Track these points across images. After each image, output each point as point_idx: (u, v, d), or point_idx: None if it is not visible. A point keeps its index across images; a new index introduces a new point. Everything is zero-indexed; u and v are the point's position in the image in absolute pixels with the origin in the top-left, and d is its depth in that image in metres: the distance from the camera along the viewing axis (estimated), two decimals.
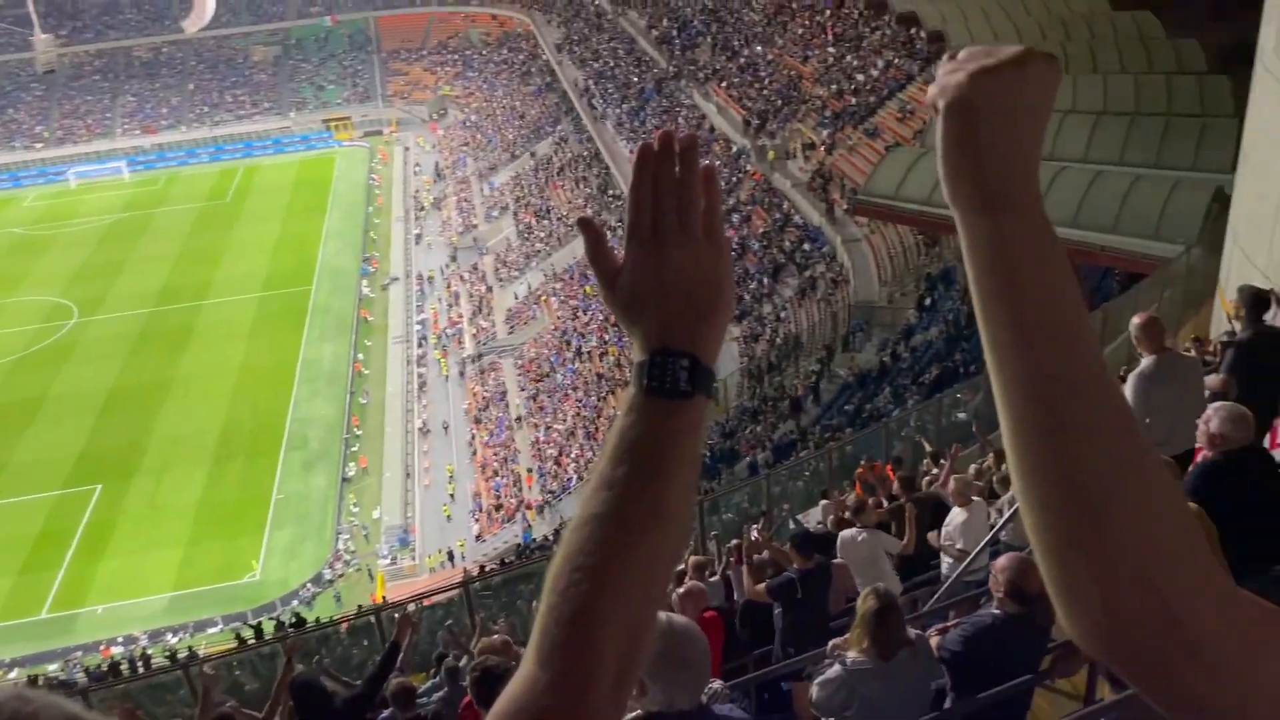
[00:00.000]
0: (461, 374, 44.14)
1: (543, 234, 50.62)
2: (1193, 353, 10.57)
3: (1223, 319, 12.14)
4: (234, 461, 37.70)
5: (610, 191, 48.38)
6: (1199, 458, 4.54)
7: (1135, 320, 5.55)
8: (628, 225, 0.97)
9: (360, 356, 45.10)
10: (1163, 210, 20.26)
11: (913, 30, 36.75)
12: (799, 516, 13.82)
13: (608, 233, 1.00)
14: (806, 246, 33.66)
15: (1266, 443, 5.97)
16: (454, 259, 53.13)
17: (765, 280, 34.12)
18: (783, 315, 32.44)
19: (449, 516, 35.85)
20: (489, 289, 49.62)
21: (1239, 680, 0.73)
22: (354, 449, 39.11)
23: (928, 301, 27.57)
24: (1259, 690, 0.73)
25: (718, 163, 41.43)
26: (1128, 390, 5.46)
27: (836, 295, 30.58)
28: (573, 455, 35.46)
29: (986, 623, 4.12)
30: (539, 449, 37.50)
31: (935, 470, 10.59)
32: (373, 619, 12.79)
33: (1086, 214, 21.21)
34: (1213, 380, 5.43)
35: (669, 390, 0.93)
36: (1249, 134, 15.74)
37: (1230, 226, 16.40)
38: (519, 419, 39.78)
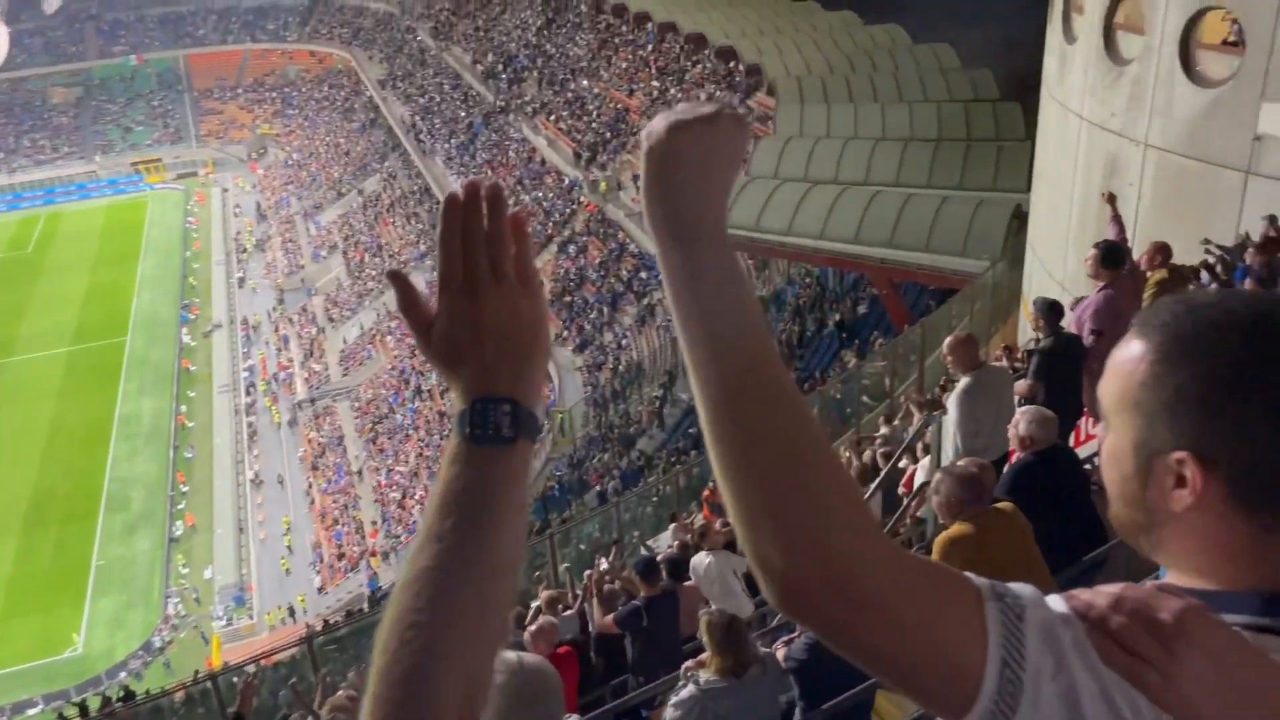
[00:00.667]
0: (294, 421, 42.46)
1: (374, 271, 49.47)
2: (1003, 362, 11.31)
3: (1028, 328, 13.03)
4: (47, 529, 35.00)
5: None
6: (1012, 459, 4.85)
7: (947, 341, 5.90)
8: (439, 275, 0.96)
9: (183, 409, 42.77)
10: (969, 229, 21.61)
11: (732, 64, 38.06)
12: (650, 542, 13.93)
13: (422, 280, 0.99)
14: (644, 274, 34.17)
15: (1071, 441, 6.45)
16: (281, 301, 51.23)
17: (605, 309, 34.41)
18: (624, 343, 32.78)
19: (288, 570, 34.30)
20: (320, 331, 48.05)
21: (908, 630, 0.84)
22: (180, 507, 36.96)
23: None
24: (925, 638, 0.84)
25: (551, 195, 41.70)
26: (952, 408, 5.78)
27: (674, 321, 31.08)
28: (417, 497, 34.61)
29: None
30: (381, 493, 36.44)
31: None
32: (210, 685, 12.05)
33: (901, 234, 22.41)
34: (1020, 386, 5.84)
35: (492, 437, 0.93)
36: (1040, 156, 17.05)
37: (1029, 242, 17.68)
38: (360, 472, 38.56)
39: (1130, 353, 0.96)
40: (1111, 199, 7.34)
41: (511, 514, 0.93)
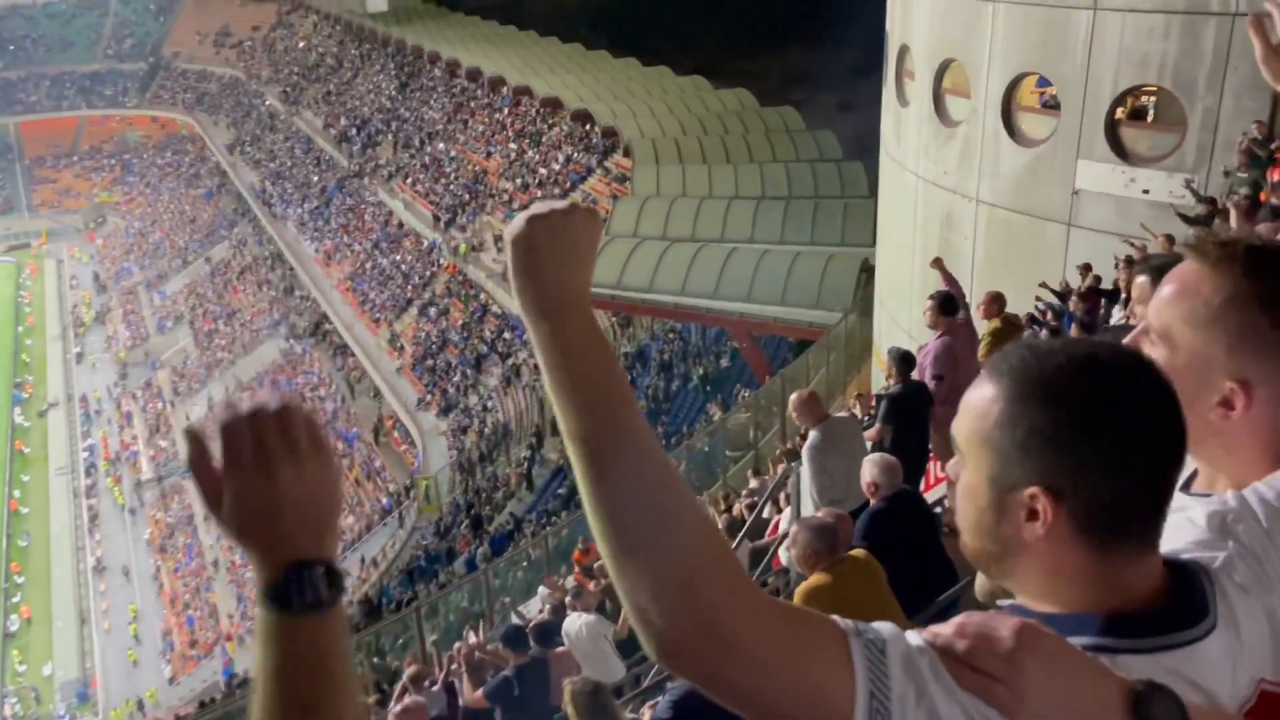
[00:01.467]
0: (140, 502, 40.09)
1: (224, 341, 47.59)
2: (857, 409, 11.68)
3: (882, 376, 13.52)
4: None
5: (297, 293, 46.51)
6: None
7: (791, 400, 6.07)
8: (225, 454, 0.94)
9: (16, 494, 39.83)
10: (821, 282, 22.45)
11: (588, 126, 38.70)
12: (520, 608, 13.67)
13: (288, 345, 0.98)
14: (507, 335, 33.98)
15: (921, 485, 6.70)
16: (124, 376, 48.59)
17: (468, 372, 34.00)
18: (489, 405, 32.40)
19: (135, 662, 32.10)
20: (166, 405, 45.73)
21: (780, 672, 0.89)
22: (15, 599, 34.26)
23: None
24: (797, 678, 0.89)
25: (410, 258, 41.16)
26: (804, 463, 5.93)
27: (540, 381, 30.95)
28: None
29: (688, 686, 4.25)
30: (236, 573, 34.67)
31: None
32: None
33: (758, 289, 23.08)
34: (870, 432, 6.06)
35: (313, 604, 0.91)
36: (882, 212, 17.91)
37: (877, 293, 18.46)
38: (215, 562, 36.63)
39: (984, 395, 1.03)
40: (939, 264, 7.79)
41: (342, 678, 0.93)
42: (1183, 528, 1.10)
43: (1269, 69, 1.63)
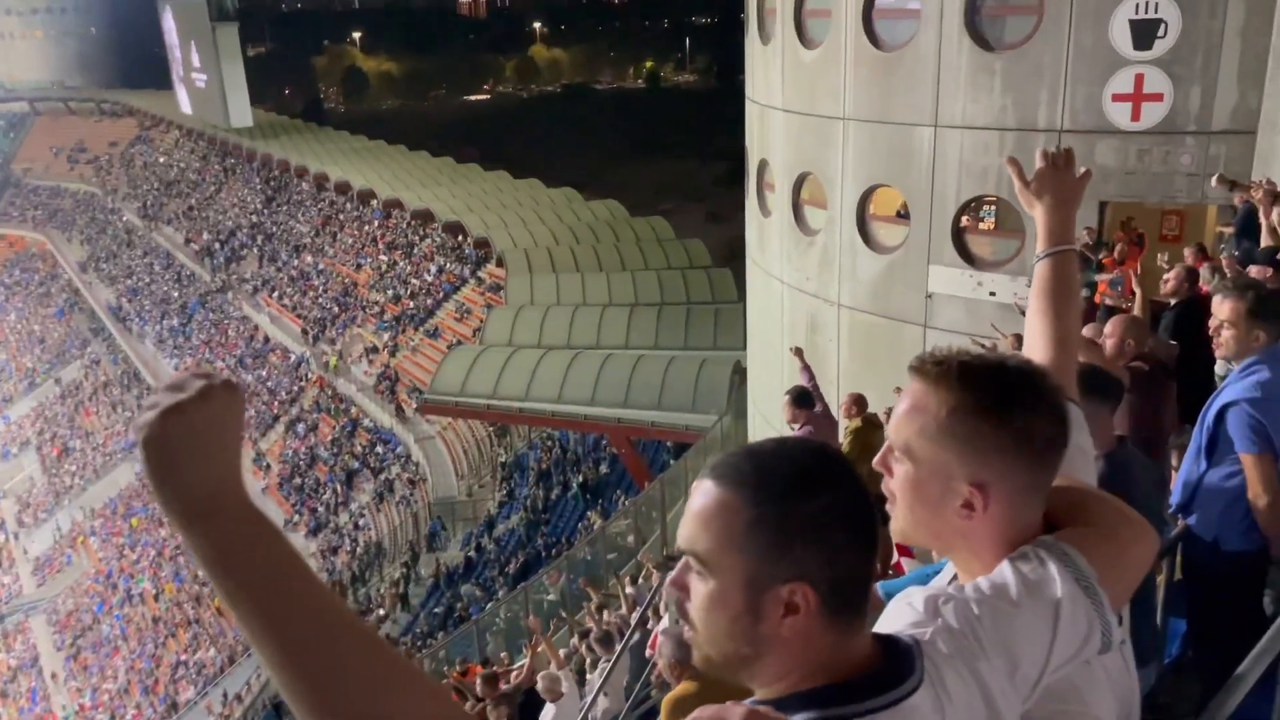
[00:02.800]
0: None
1: (74, 467, 44.84)
2: None
3: None
4: None
5: None
6: None
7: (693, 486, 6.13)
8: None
9: None
10: (696, 385, 22.81)
11: (460, 237, 38.88)
12: None
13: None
14: (380, 449, 33.13)
15: None
16: None
17: (339, 488, 32.89)
18: (361, 523, 31.31)
19: None
20: (10, 538, 42.54)
21: None
22: None
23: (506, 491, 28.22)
24: None
25: (276, 373, 39.98)
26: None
27: (415, 495, 30.22)
28: (129, 717, 30.67)
29: None
30: (86, 716, 31.98)
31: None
32: None
33: (635, 394, 23.28)
34: None
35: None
36: (751, 317, 18.44)
37: (750, 395, 18.85)
38: (61, 707, 33.79)
39: (723, 504, 1.06)
40: (798, 352, 8.11)
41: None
42: (903, 613, 1.20)
43: (1021, 198, 1.87)
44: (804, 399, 6.74)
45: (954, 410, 1.24)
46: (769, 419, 16.72)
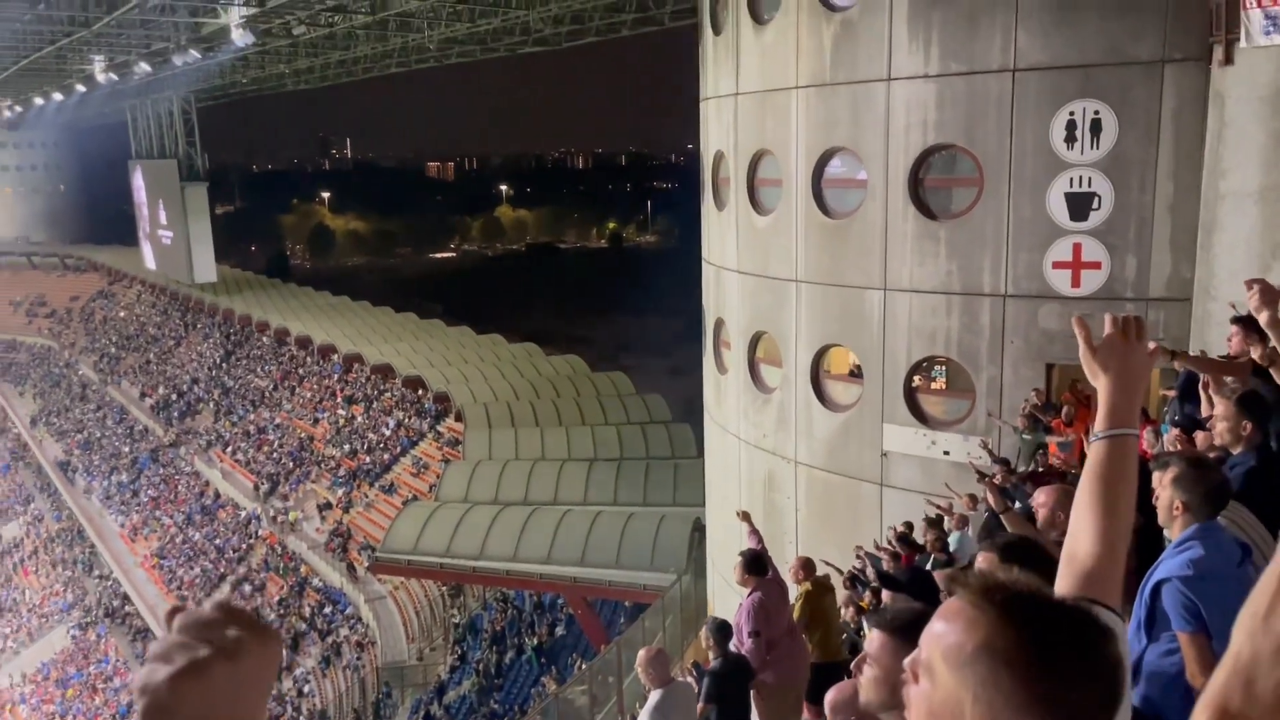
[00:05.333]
0: None
1: (9, 629, 42.70)
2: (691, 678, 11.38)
3: None
4: None
5: (96, 571, 42.82)
6: None
7: (640, 655, 5.96)
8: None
9: None
10: (654, 543, 22.48)
11: (420, 392, 38.82)
12: None
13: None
14: (328, 610, 31.96)
15: None
16: None
17: (285, 653, 31.49)
18: (305, 690, 29.87)
19: None
20: None
21: None
22: None
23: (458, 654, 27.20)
24: None
25: (225, 530, 38.87)
26: None
27: (363, 659, 29.00)
28: None
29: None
30: None
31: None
32: None
33: (592, 552, 22.86)
34: (698, 708, 5.93)
35: None
36: (709, 473, 18.38)
37: (709, 554, 18.59)
38: None
39: None
40: (745, 516, 8.05)
41: None
42: None
43: (1086, 366, 1.74)
44: (756, 564, 6.65)
45: (981, 646, 1.10)
46: (727, 578, 16.44)
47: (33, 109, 59.75)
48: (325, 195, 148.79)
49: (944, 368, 13.67)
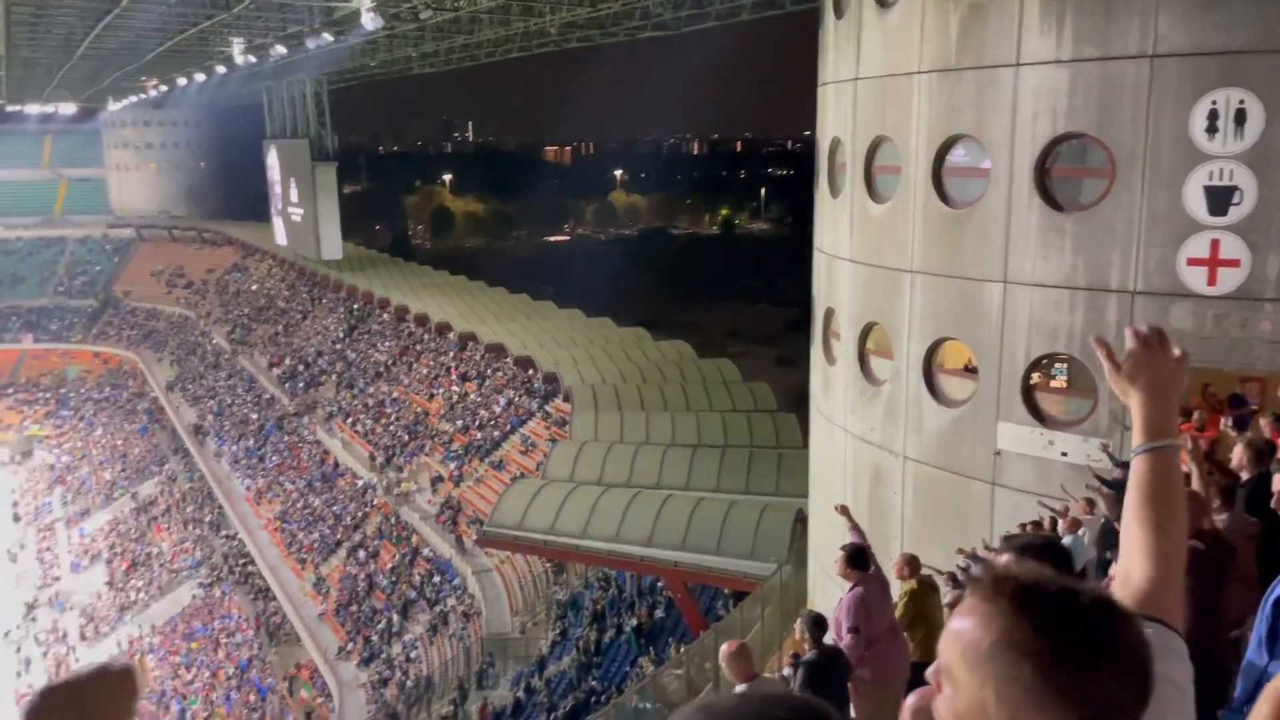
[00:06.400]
0: None
1: (141, 582, 45.35)
2: (788, 671, 11.30)
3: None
4: None
5: (223, 531, 45.07)
6: None
7: (722, 650, 5.91)
8: None
9: None
10: (756, 532, 22.35)
11: (530, 371, 39.49)
12: None
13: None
14: (437, 579, 32.93)
15: None
16: (30, 618, 45.67)
17: (394, 618, 32.61)
18: (413, 655, 30.86)
19: None
20: (69, 650, 42.82)
21: None
22: None
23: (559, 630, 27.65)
24: None
25: (343, 498, 40.38)
26: None
27: (468, 629, 29.79)
28: None
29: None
30: None
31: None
32: None
33: (693, 537, 22.87)
34: None
35: None
36: (813, 465, 18.16)
37: (810, 545, 18.40)
38: None
39: None
40: (844, 510, 7.85)
41: None
42: None
43: (1114, 384, 1.69)
44: (859, 559, 6.54)
45: (998, 642, 1.07)
46: (828, 570, 16.24)
47: (177, 89, 62.88)
48: (447, 177, 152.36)
49: (1065, 366, 13.16)
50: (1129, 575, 1.55)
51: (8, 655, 43.32)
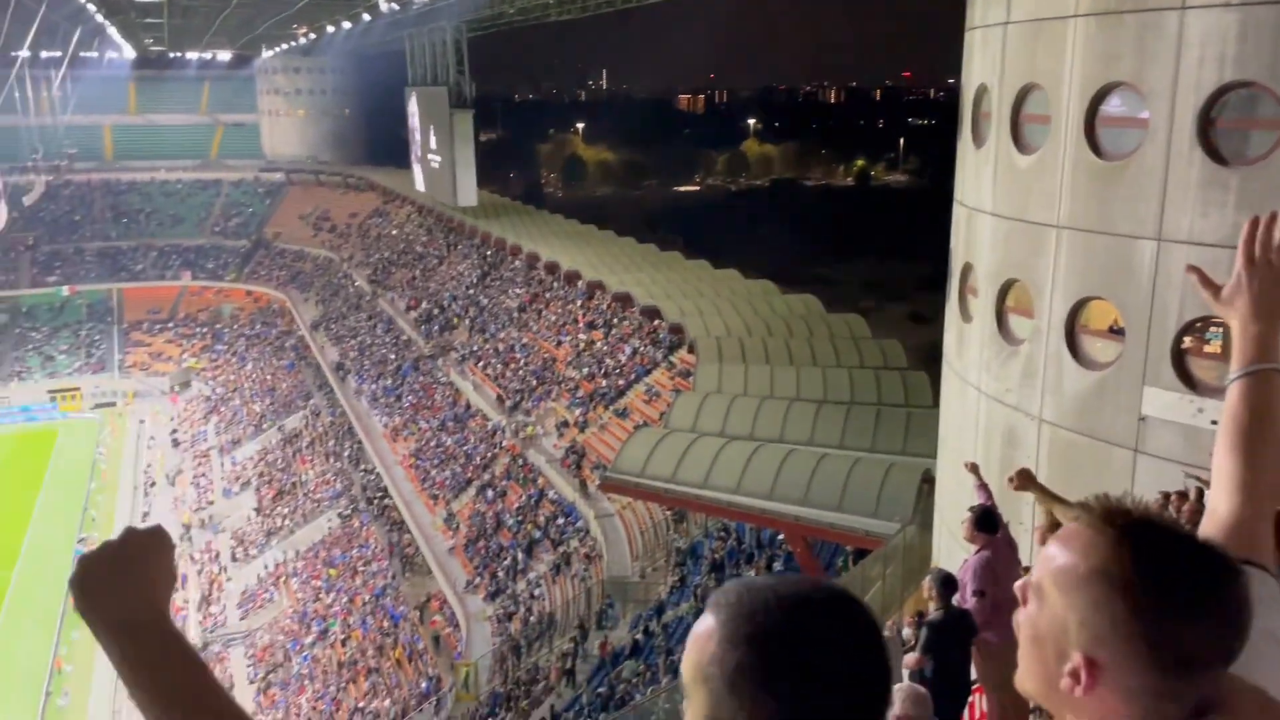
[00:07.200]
0: None
1: (286, 509, 48.08)
2: (910, 630, 11.18)
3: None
4: None
5: (361, 466, 47.20)
6: None
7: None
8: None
9: (63, 651, 39.68)
10: (880, 490, 22.04)
11: (656, 322, 39.70)
12: None
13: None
14: (561, 521, 33.78)
15: (966, 715, 6.31)
16: (186, 538, 49.11)
17: (519, 556, 33.67)
18: (537, 593, 31.85)
19: None
20: (221, 570, 45.90)
21: None
22: None
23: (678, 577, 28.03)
24: None
25: (474, 439, 41.70)
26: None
27: (590, 571, 30.52)
28: None
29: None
30: None
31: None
32: None
33: (815, 493, 22.72)
34: (909, 659, 5.79)
35: None
36: (943, 424, 17.73)
37: (937, 507, 18.03)
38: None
39: (703, 628, 1.04)
40: (974, 468, 7.63)
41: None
42: None
43: (1215, 308, 1.63)
44: (988, 521, 6.37)
45: (1096, 569, 1.06)
46: (955, 533, 15.90)
47: (325, 36, 64.93)
48: (580, 126, 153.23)
49: (1220, 330, 12.40)
50: (1215, 509, 1.49)
51: None
